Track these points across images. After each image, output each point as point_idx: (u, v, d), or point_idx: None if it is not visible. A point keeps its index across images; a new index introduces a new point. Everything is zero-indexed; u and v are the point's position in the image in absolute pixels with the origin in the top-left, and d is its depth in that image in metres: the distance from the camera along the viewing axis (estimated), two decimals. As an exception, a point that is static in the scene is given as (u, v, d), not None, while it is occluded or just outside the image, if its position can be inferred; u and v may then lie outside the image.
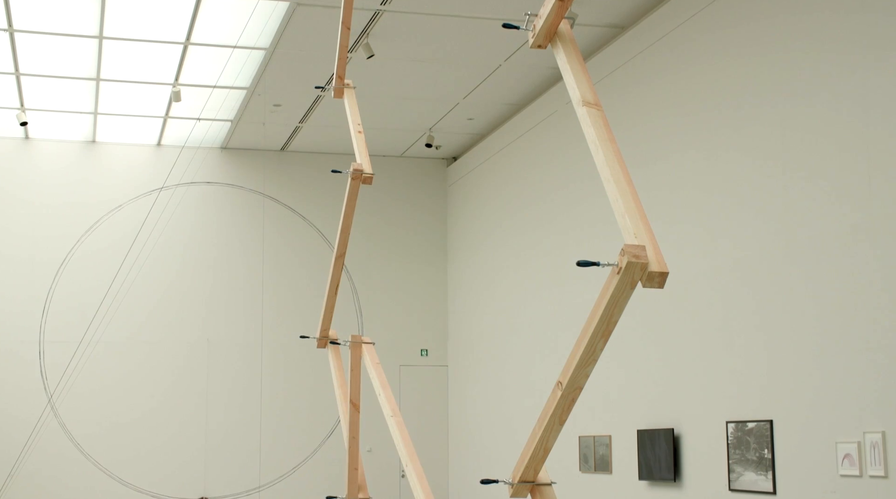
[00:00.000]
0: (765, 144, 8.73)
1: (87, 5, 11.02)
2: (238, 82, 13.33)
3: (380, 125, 15.01)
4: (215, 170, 16.27)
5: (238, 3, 10.91)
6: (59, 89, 13.73)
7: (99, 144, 16.02)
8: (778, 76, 8.59)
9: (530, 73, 13.00)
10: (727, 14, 9.36)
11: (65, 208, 15.69)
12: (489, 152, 15.31)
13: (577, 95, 3.53)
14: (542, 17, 3.71)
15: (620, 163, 3.29)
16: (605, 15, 11.07)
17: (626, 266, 2.98)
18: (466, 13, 11.06)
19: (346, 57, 7.17)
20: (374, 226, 16.58)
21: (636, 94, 10.95)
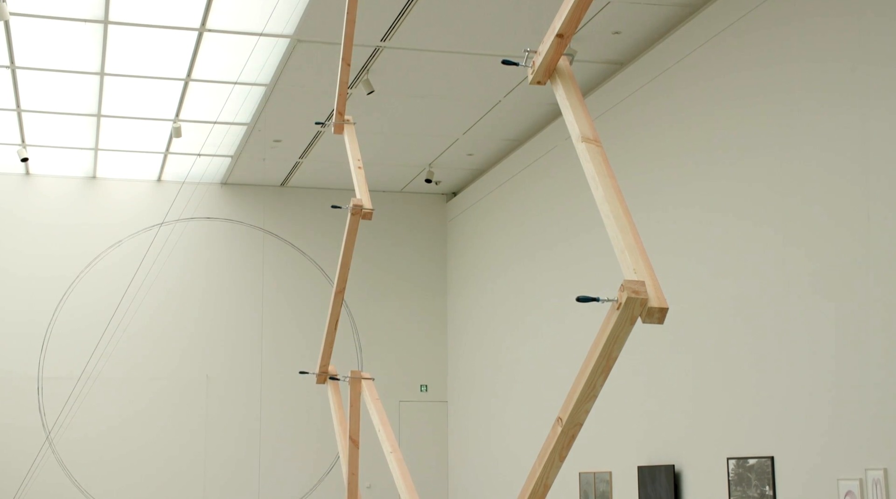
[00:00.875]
0: (763, 180, 8.75)
1: (89, 42, 11.07)
2: (238, 118, 13.37)
3: (380, 161, 15.04)
4: (215, 205, 16.29)
5: (239, 39, 10.96)
6: (60, 125, 13.77)
7: (99, 180, 16.05)
8: (776, 114, 8.61)
9: (530, 109, 13.04)
10: (725, 52, 9.41)
11: (65, 244, 15.69)
12: (489, 188, 15.33)
13: (577, 131, 3.54)
14: (541, 53, 3.73)
15: (620, 199, 3.29)
16: (603, 51, 11.12)
17: (626, 302, 2.97)
18: (466, 50, 11.11)
19: (346, 93, 7.20)
20: (373, 261, 16.57)
21: (635, 129, 10.98)
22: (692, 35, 9.98)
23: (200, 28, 10.70)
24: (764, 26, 8.83)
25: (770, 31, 8.74)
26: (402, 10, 10.12)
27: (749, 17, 9.03)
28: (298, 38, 10.86)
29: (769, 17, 8.76)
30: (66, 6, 10.24)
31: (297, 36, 10.79)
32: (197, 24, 10.63)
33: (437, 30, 10.60)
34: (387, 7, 10.07)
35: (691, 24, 10.03)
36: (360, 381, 6.04)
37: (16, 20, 10.50)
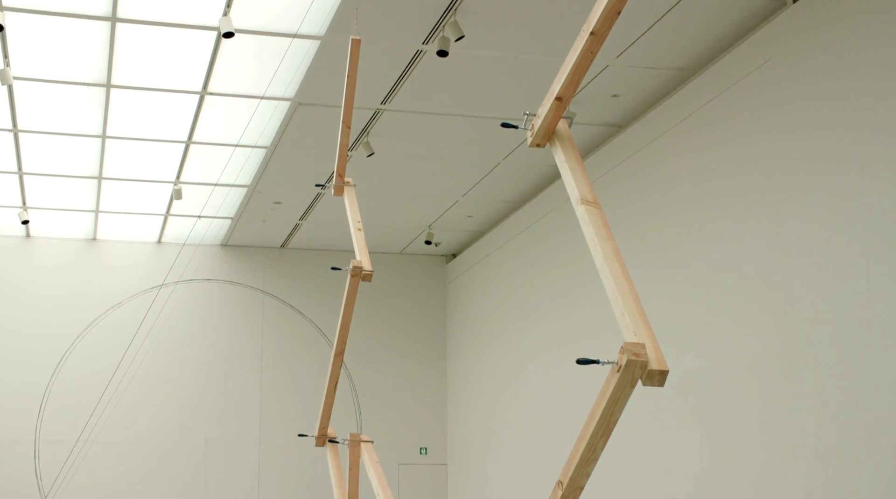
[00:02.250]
0: (762, 240, 8.76)
1: (91, 105, 11.15)
2: (239, 180, 13.43)
3: (380, 222, 15.07)
4: (215, 267, 16.30)
5: (240, 102, 11.04)
6: (62, 188, 13.82)
7: (99, 242, 16.08)
8: (774, 174, 8.65)
9: (529, 172, 13.10)
10: (724, 115, 9.47)
11: (64, 306, 15.68)
12: (488, 249, 15.35)
13: (576, 194, 3.56)
14: (540, 116, 3.76)
15: (619, 261, 3.30)
16: (602, 114, 11.19)
17: (626, 364, 2.97)
18: (465, 112, 11.19)
19: (346, 155, 7.24)
20: (373, 323, 16.55)
21: (634, 191, 11.02)
22: (689, 98, 10.05)
23: (202, 91, 10.79)
24: (760, 90, 8.90)
25: (766, 94, 8.81)
26: (402, 73, 10.21)
27: (745, 82, 9.11)
28: (299, 101, 10.94)
29: (765, 82, 8.83)
30: (69, 70, 10.33)
31: (297, 99, 10.87)
32: (199, 88, 10.72)
33: (437, 93, 10.69)
34: (387, 70, 10.16)
35: (688, 87, 10.11)
36: (359, 443, 6.01)
37: (19, 84, 10.59)
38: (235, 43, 9.58)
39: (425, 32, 9.36)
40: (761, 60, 8.88)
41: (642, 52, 9.71)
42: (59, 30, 9.46)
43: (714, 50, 9.65)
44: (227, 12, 8.97)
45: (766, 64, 8.83)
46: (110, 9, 9.07)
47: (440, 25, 9.16)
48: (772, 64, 8.75)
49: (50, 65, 10.21)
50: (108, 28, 9.42)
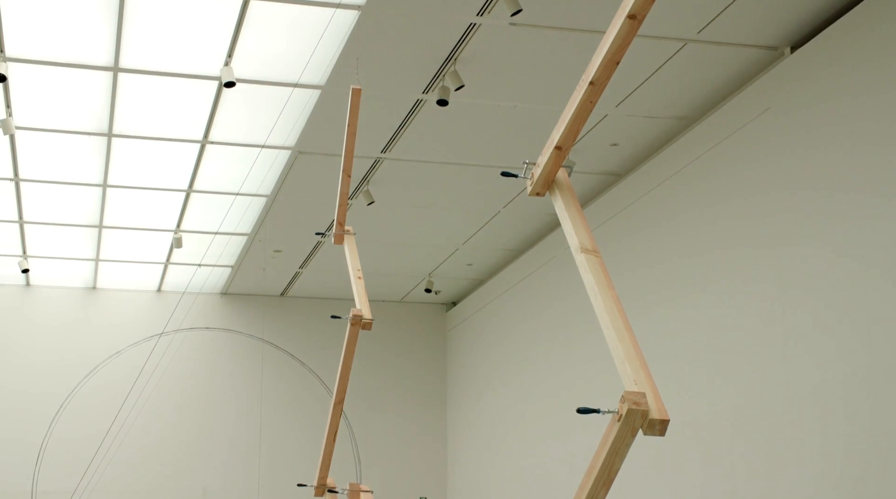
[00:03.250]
0: (763, 289, 8.76)
1: (93, 154, 11.19)
2: (239, 229, 13.45)
3: (379, 270, 15.08)
4: (214, 315, 16.28)
5: (241, 151, 11.08)
6: (62, 236, 13.84)
7: (99, 291, 16.07)
8: (774, 225, 8.67)
9: (529, 220, 13.12)
10: (723, 163, 9.50)
11: (63, 355, 15.64)
12: (488, 298, 15.34)
13: (576, 242, 3.56)
14: (539, 165, 3.77)
15: (619, 309, 3.30)
16: (602, 163, 11.24)
17: (627, 413, 2.96)
18: (465, 161, 11.23)
19: (346, 204, 7.26)
20: (373, 371, 16.50)
21: (634, 240, 11.03)
22: (689, 147, 10.09)
23: (203, 140, 10.84)
24: (759, 139, 8.94)
25: (765, 143, 8.84)
26: (402, 122, 10.26)
27: (744, 131, 9.15)
28: (300, 150, 10.98)
29: (764, 131, 8.87)
30: (71, 120, 10.38)
31: (298, 148, 10.92)
32: (200, 137, 10.77)
33: (437, 142, 10.73)
34: (387, 119, 10.21)
35: (688, 136, 10.15)
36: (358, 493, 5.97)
37: (21, 134, 10.64)
38: (236, 92, 9.64)
39: (425, 82, 9.42)
40: (760, 109, 8.93)
41: (641, 101, 9.76)
42: (61, 80, 9.53)
43: (713, 99, 9.71)
44: (228, 62, 9.03)
45: (764, 113, 8.87)
46: (112, 59, 9.13)
47: (440, 75, 9.22)
48: (770, 113, 8.79)
49: (52, 114, 10.26)
50: (111, 78, 9.48)
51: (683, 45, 8.74)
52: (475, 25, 8.43)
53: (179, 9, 8.34)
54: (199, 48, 8.98)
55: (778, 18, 8.33)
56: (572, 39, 8.62)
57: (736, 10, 8.17)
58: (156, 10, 8.36)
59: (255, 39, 8.79)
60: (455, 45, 8.74)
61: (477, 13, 8.23)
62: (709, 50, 8.82)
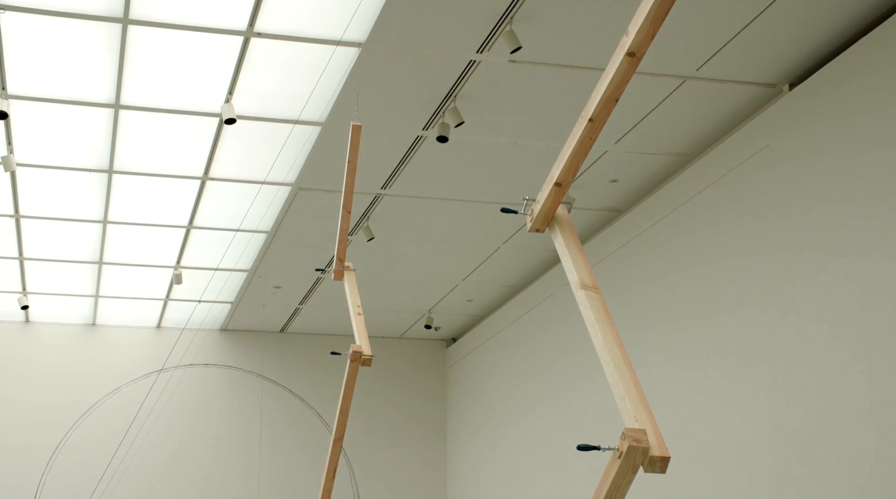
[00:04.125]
0: (764, 325, 8.75)
1: (93, 191, 11.21)
2: (239, 265, 13.45)
3: (379, 307, 15.06)
4: (214, 352, 16.25)
5: (241, 187, 11.11)
6: (62, 273, 13.83)
7: (99, 327, 16.05)
8: (774, 261, 8.67)
9: (529, 256, 13.13)
10: (722, 200, 9.52)
11: (62, 392, 15.59)
12: (489, 334, 15.32)
13: (576, 279, 3.57)
14: (539, 201, 3.78)
15: (619, 346, 3.29)
16: (601, 199, 11.25)
17: (628, 450, 2.95)
18: (465, 197, 11.25)
19: (346, 240, 7.27)
20: (372, 408, 16.44)
21: (634, 276, 11.03)
22: (688, 184, 10.11)
23: (203, 177, 10.86)
24: (758, 176, 8.96)
25: (767, 179, 8.86)
26: (403, 158, 10.29)
27: (744, 167, 9.17)
28: (300, 186, 11.00)
29: (763, 168, 8.90)
30: (72, 156, 10.40)
31: (298, 184, 10.94)
32: (200, 173, 10.79)
33: (437, 178, 10.76)
34: (387, 156, 10.24)
35: (687, 172, 10.17)
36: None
37: (22, 170, 10.66)
38: (237, 129, 9.67)
39: (425, 118, 9.46)
40: (759, 146, 8.96)
41: (641, 138, 9.80)
42: (62, 117, 9.56)
43: (712, 136, 9.74)
44: (229, 99, 9.07)
45: (763, 150, 8.90)
46: (114, 96, 9.17)
47: (440, 112, 9.26)
48: (769, 150, 8.82)
49: (53, 151, 10.29)
50: (112, 115, 9.52)
51: (682, 82, 8.78)
52: (475, 62, 8.48)
53: (180, 46, 8.38)
54: (200, 85, 9.02)
55: (776, 56, 8.38)
56: (571, 76, 8.66)
57: (734, 47, 8.22)
58: (157, 48, 8.41)
59: (256, 76, 8.84)
60: (455, 82, 8.78)
61: (477, 50, 8.28)
62: (708, 87, 8.86)
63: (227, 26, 8.07)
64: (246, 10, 7.86)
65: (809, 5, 7.66)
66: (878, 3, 7.62)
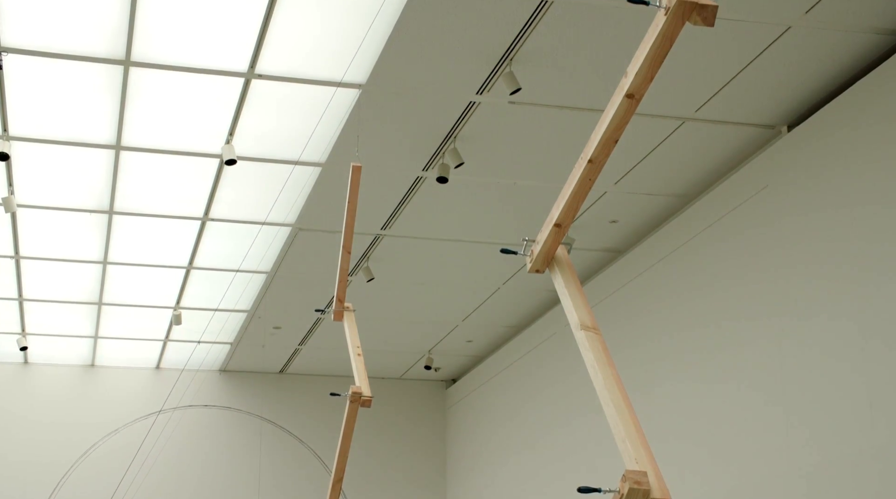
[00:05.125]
0: (763, 367, 8.72)
1: (93, 231, 11.22)
2: (239, 305, 13.44)
3: (379, 347, 15.03)
4: (213, 393, 16.19)
5: (241, 228, 11.12)
6: (61, 314, 13.81)
7: (97, 368, 16.01)
8: (774, 301, 8.66)
9: (529, 296, 13.12)
10: (722, 240, 9.53)
11: (60, 433, 15.52)
12: (489, 374, 15.27)
13: (576, 319, 3.56)
14: (539, 242, 3.79)
15: (619, 387, 3.29)
16: (601, 240, 11.26)
17: (628, 493, 2.93)
18: (465, 238, 11.26)
19: (346, 280, 7.27)
20: (372, 449, 16.36)
21: (634, 316, 11.02)
22: (688, 224, 10.13)
23: (203, 217, 10.87)
24: (757, 216, 8.98)
25: (763, 220, 8.87)
26: (402, 199, 10.31)
27: (743, 208, 9.19)
28: (300, 227, 11.02)
29: (762, 208, 8.91)
30: (72, 197, 10.42)
31: (298, 224, 10.95)
32: (200, 214, 10.81)
33: (437, 218, 10.77)
34: (387, 196, 10.26)
35: (687, 213, 10.19)
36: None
37: (22, 211, 10.67)
38: (237, 170, 9.70)
39: (425, 159, 9.49)
40: (758, 187, 8.98)
41: (640, 178, 9.82)
42: (63, 158, 9.59)
43: (711, 177, 9.77)
44: (229, 140, 9.10)
45: (762, 191, 8.92)
46: (115, 137, 9.20)
47: (440, 152, 9.29)
48: (768, 191, 8.84)
49: (53, 192, 10.31)
50: (113, 156, 9.55)
51: (681, 123, 8.82)
52: (475, 104, 8.51)
53: (182, 88, 8.42)
54: (200, 126, 9.05)
55: (774, 97, 8.41)
56: (571, 117, 8.70)
57: (733, 89, 8.26)
58: (158, 89, 8.45)
59: (257, 117, 8.87)
60: (455, 123, 8.82)
61: (476, 92, 8.32)
62: (707, 128, 8.90)
63: (228, 68, 8.12)
64: (247, 52, 7.90)
65: (807, 48, 7.71)
66: (876, 45, 7.67)
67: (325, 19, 7.52)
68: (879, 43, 7.63)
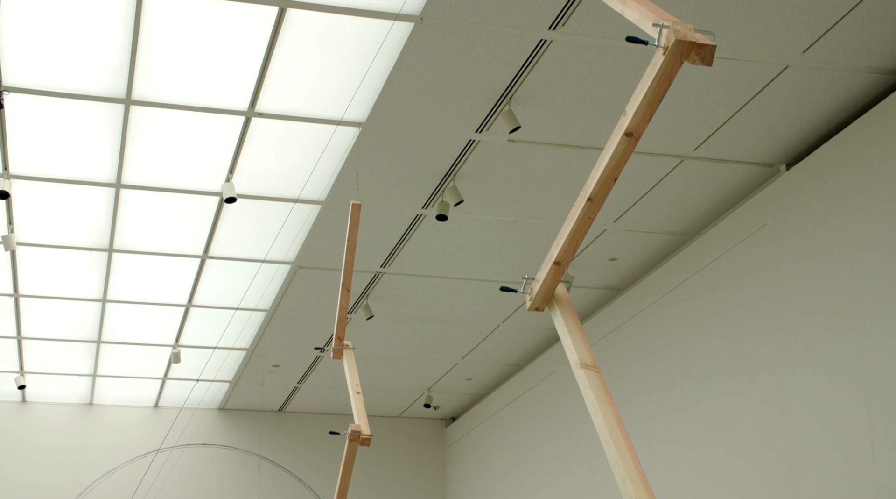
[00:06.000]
0: (764, 404, 8.70)
1: (92, 270, 11.22)
2: (238, 343, 13.41)
3: (378, 385, 14.99)
4: (212, 431, 16.13)
5: (240, 266, 11.12)
6: (60, 352, 13.78)
7: (96, 407, 15.95)
8: (773, 341, 8.65)
9: (528, 334, 13.10)
10: (721, 278, 9.53)
11: (58, 472, 15.44)
12: (488, 413, 15.22)
13: (575, 358, 3.55)
14: (538, 280, 3.78)
15: (619, 426, 3.27)
16: (600, 278, 11.26)
17: (629, 532, 2.91)
18: (465, 276, 11.26)
19: (345, 318, 7.25)
20: (371, 487, 16.27)
21: (634, 354, 11.00)
22: (687, 262, 10.13)
23: (203, 255, 10.88)
24: (756, 254, 8.98)
25: (762, 258, 8.88)
26: (402, 237, 10.31)
27: (742, 246, 9.20)
28: (300, 265, 11.02)
29: (761, 246, 8.92)
30: (72, 235, 10.43)
31: (298, 262, 10.95)
32: (200, 252, 10.81)
33: (436, 256, 10.77)
34: (387, 234, 10.27)
35: (686, 251, 10.20)
36: None
37: (21, 249, 10.68)
38: (237, 207, 9.71)
39: (425, 197, 9.50)
40: (757, 225, 8.99)
41: (639, 216, 9.83)
42: (63, 196, 9.60)
43: (710, 214, 9.78)
44: (229, 178, 9.12)
45: (761, 229, 8.93)
46: (115, 175, 9.22)
47: (439, 190, 9.30)
48: (767, 229, 8.85)
49: (53, 230, 10.31)
50: (113, 194, 9.56)
51: (680, 161, 8.84)
52: (474, 142, 8.54)
53: (182, 126, 8.45)
54: (200, 164, 9.07)
55: (773, 136, 8.44)
56: (570, 156, 8.72)
57: (731, 127, 8.29)
58: (159, 128, 8.47)
59: (257, 155, 8.89)
60: (454, 161, 8.84)
61: (476, 130, 8.34)
62: (705, 166, 8.92)
63: (228, 106, 8.14)
64: (247, 91, 7.93)
65: (805, 87, 7.74)
66: (874, 84, 7.70)
67: (325, 58, 7.55)
68: (877, 82, 7.67)
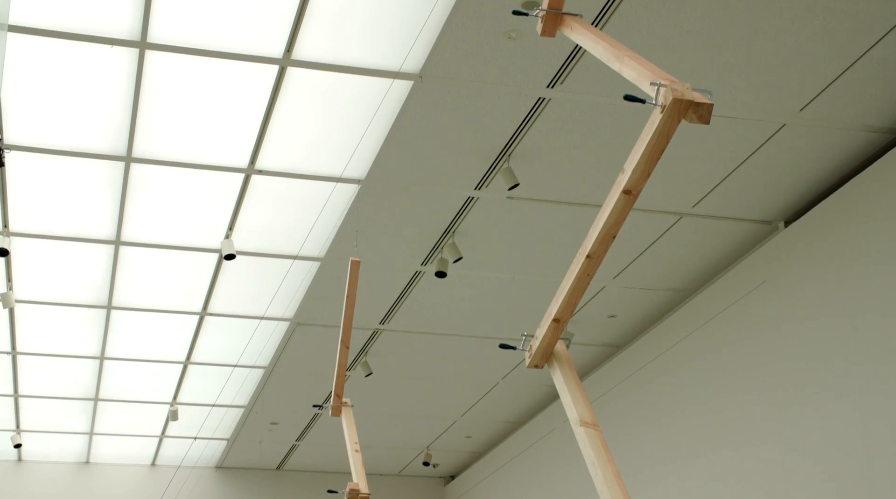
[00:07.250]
0: (763, 461, 8.65)
1: (91, 327, 11.20)
2: (236, 401, 13.35)
3: (377, 443, 14.90)
4: (209, 490, 15.99)
5: (239, 323, 11.09)
6: (56, 410, 13.70)
7: (92, 465, 15.83)
8: (775, 394, 8.62)
9: (528, 391, 13.04)
10: (720, 335, 9.51)
11: (53, 531, 15.31)
12: (488, 471, 15.11)
13: (575, 415, 3.54)
14: (538, 337, 3.78)
15: (620, 484, 3.25)
16: (600, 335, 11.24)
17: None
18: (464, 332, 11.24)
19: (344, 375, 7.22)
20: (370, 548, 16.10)
21: (634, 411, 10.95)
22: (686, 319, 10.12)
23: (202, 312, 10.86)
24: (755, 312, 8.98)
25: (761, 316, 8.87)
26: (401, 293, 10.31)
27: (741, 303, 9.19)
28: (298, 322, 11.00)
29: (760, 304, 8.92)
30: (71, 293, 10.42)
31: (296, 319, 10.93)
32: (199, 309, 10.80)
33: (435, 313, 10.76)
34: (385, 291, 10.26)
35: (685, 308, 10.19)
36: None
37: (20, 307, 10.66)
38: (236, 264, 9.71)
39: (424, 254, 9.51)
40: (756, 282, 8.99)
41: (638, 273, 9.84)
42: (63, 253, 9.60)
43: (709, 272, 9.79)
44: (228, 235, 9.13)
45: (760, 286, 8.93)
46: (114, 232, 9.23)
47: (438, 247, 9.32)
48: (766, 286, 8.85)
49: (52, 287, 10.30)
50: (112, 251, 9.57)
51: (679, 218, 8.86)
52: (473, 199, 8.56)
53: (181, 183, 8.47)
54: (200, 221, 9.09)
55: (771, 194, 8.47)
56: (569, 212, 8.74)
57: (729, 185, 8.31)
58: (158, 185, 8.50)
59: (256, 212, 8.91)
60: (453, 217, 8.86)
61: (475, 187, 8.37)
62: (704, 223, 8.94)
63: (228, 164, 8.18)
64: (247, 148, 7.97)
65: (802, 145, 7.78)
66: (871, 142, 7.74)
67: (325, 116, 7.60)
68: (874, 140, 7.71)
